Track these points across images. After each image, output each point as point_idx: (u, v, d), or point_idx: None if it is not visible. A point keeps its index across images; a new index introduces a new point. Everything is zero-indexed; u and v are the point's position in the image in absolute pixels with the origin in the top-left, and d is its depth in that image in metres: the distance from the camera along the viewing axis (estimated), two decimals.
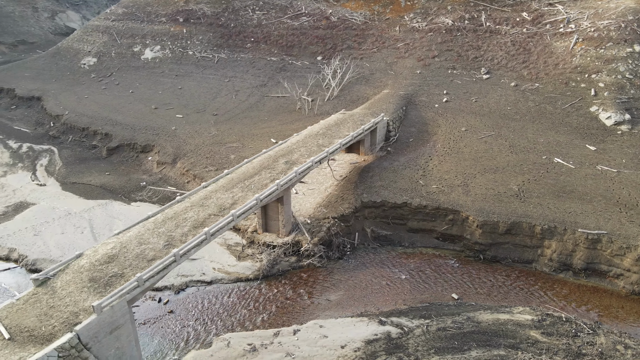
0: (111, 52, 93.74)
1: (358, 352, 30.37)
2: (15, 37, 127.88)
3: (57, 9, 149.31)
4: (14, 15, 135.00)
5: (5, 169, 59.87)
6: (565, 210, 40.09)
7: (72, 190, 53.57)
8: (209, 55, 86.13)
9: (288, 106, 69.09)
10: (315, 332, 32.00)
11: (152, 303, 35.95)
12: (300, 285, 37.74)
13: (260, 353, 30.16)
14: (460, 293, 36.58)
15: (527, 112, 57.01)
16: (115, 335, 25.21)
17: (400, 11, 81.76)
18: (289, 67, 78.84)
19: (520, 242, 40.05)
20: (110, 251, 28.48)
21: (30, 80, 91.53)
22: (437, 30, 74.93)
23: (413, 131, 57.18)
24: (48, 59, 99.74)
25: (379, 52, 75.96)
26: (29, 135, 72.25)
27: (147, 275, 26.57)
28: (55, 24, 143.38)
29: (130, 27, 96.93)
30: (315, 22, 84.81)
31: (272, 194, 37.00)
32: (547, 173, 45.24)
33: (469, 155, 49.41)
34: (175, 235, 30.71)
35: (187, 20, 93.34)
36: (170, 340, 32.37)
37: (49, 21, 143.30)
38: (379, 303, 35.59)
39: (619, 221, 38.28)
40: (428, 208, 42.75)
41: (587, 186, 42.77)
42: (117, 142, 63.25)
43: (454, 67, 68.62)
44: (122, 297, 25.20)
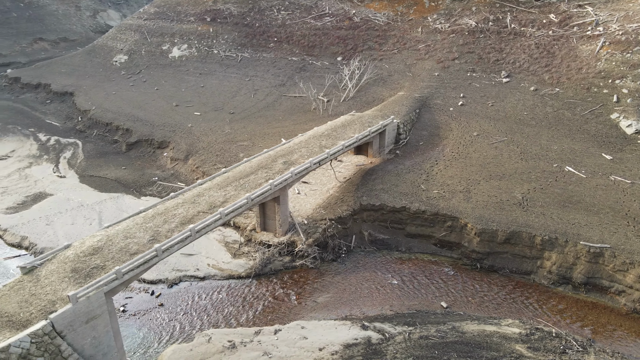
0: (141, 50, 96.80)
1: (335, 356, 30.33)
2: (58, 34, 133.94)
3: (99, 8, 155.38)
4: (58, 13, 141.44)
5: (32, 161, 62.97)
6: (569, 221, 38.53)
7: (89, 182, 55.78)
8: (232, 55, 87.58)
9: (304, 106, 69.39)
10: (296, 333, 32.15)
11: (144, 295, 37.06)
12: (290, 286, 37.95)
13: (239, 351, 30.58)
14: (451, 302, 35.83)
15: (544, 117, 55.04)
16: (92, 325, 26.17)
17: (423, 12, 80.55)
18: (309, 67, 79.13)
19: (519, 253, 38.81)
20: (96, 244, 29.59)
21: (66, 76, 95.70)
22: (459, 31, 73.37)
23: (424, 134, 56.30)
24: (84, 56, 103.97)
25: (399, 54, 75.11)
26: (58, 128, 75.65)
27: (126, 269, 27.43)
28: (96, 22, 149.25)
29: (160, 26, 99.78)
30: (337, 22, 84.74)
31: (264, 193, 37.34)
32: (555, 182, 43.59)
33: (477, 161, 48.22)
34: (162, 231, 31.54)
35: (214, 19, 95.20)
36: (156, 332, 33.30)
37: (91, 19, 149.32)
38: (365, 307, 35.34)
39: (624, 235, 36.48)
40: (427, 213, 42.05)
41: (595, 197, 40.94)
42: (136, 137, 65.36)
43: (474, 69, 67.03)
44: (100, 289, 26.11)
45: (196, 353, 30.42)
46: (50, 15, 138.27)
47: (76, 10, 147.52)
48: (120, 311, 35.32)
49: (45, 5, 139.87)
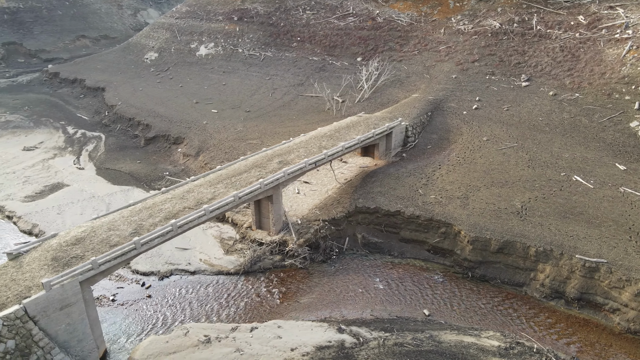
0: (171, 48, 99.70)
1: (305, 357, 30.40)
2: (99, 32, 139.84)
3: (139, 7, 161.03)
4: (101, 12, 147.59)
5: (56, 152, 66.17)
6: (567, 233, 36.89)
7: (104, 175, 58.07)
8: (256, 53, 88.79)
9: (318, 106, 69.52)
10: (271, 332, 32.42)
11: (135, 286, 38.30)
12: (276, 285, 38.24)
13: (212, 345, 31.15)
14: (434, 309, 35.10)
15: (559, 124, 52.82)
16: (66, 312, 27.34)
17: (448, 13, 78.94)
18: (329, 67, 79.17)
19: (512, 263, 37.51)
20: (80, 234, 30.86)
21: (100, 72, 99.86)
22: (482, 33, 71.45)
23: (434, 138, 55.25)
24: (119, 53, 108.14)
25: (420, 55, 73.95)
26: (86, 122, 79.10)
27: (102, 260, 28.48)
28: (136, 21, 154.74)
29: (190, 24, 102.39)
30: (360, 22, 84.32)
31: (253, 192, 37.77)
32: (559, 191, 41.81)
33: (481, 167, 46.90)
34: (145, 225, 32.52)
35: (241, 18, 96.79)
36: (139, 322, 34.34)
37: (131, 18, 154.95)
38: (346, 310, 35.16)
39: (624, 250, 34.58)
40: (421, 218, 41.31)
41: (600, 209, 38.97)
42: (154, 132, 67.45)
43: (493, 72, 65.13)
44: (75, 278, 27.25)
45: (171, 345, 31.19)
46: (93, 14, 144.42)
47: (118, 9, 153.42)
48: (110, 300, 36.65)
49: (89, 3, 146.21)
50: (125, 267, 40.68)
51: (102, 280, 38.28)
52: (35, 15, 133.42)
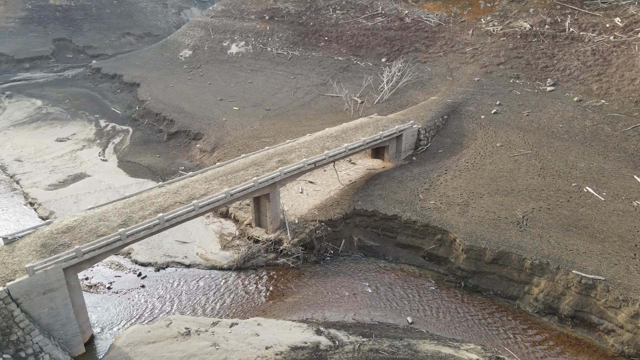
0: (204, 46, 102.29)
1: (278, 356, 30.62)
2: (143, 29, 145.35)
3: (183, 6, 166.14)
4: (146, 10, 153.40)
5: (85, 144, 69.51)
6: (567, 246, 35.09)
7: (124, 167, 60.49)
8: (284, 52, 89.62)
9: (337, 106, 69.34)
10: (250, 329, 32.84)
11: (132, 276, 39.71)
12: (265, 282, 38.59)
13: (191, 338, 31.92)
14: (419, 318, 34.34)
15: (579, 131, 50.21)
16: (49, 296, 28.75)
17: (478, 13, 76.67)
18: (353, 68, 78.80)
19: (506, 275, 36.10)
20: (72, 223, 32.35)
21: (138, 68, 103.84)
22: (511, 34, 68.94)
23: (447, 142, 53.92)
24: (157, 50, 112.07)
25: (445, 57, 72.26)
26: (118, 116, 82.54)
27: (86, 249, 29.76)
28: (179, 19, 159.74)
29: (224, 23, 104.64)
30: (388, 22, 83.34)
31: (246, 190, 38.25)
32: (567, 202, 39.80)
33: (489, 174, 45.36)
34: (135, 217, 33.66)
35: (272, 17, 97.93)
36: (129, 311, 35.61)
37: (175, 16, 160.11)
38: (329, 312, 35.03)
39: (626, 268, 32.51)
40: (417, 224, 40.48)
41: (607, 223, 36.80)
42: (176, 128, 69.51)
43: (518, 76, 62.72)
44: (58, 264, 28.62)
45: (152, 335, 32.20)
46: (139, 12, 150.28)
47: (163, 8, 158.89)
48: (106, 287, 38.21)
49: (136, 2, 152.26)
50: (126, 257, 42.32)
51: (102, 268, 40.19)
52: (85, 13, 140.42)
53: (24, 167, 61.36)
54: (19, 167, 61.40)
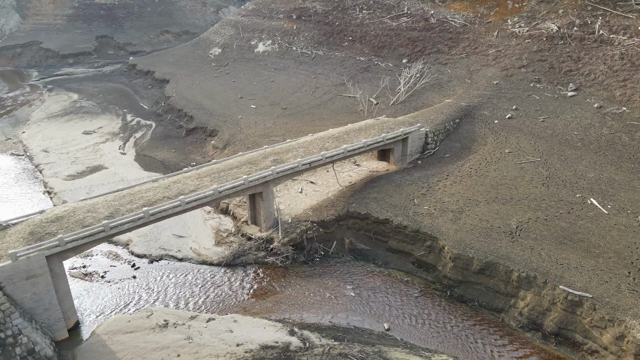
0: (233, 44, 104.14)
1: (248, 354, 30.95)
2: (181, 27, 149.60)
3: (222, 4, 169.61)
4: (185, 9, 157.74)
5: (109, 137, 72.40)
6: (558, 260, 33.46)
7: (140, 161, 62.58)
8: (308, 52, 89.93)
9: (353, 107, 68.91)
10: (225, 325, 33.34)
11: (126, 266, 41.09)
12: (251, 280, 38.98)
13: (168, 330, 32.79)
14: (397, 325, 33.70)
15: (595, 140, 47.66)
16: (32, 282, 30.19)
17: (505, 14, 74.13)
18: (373, 68, 78.07)
19: (493, 287, 34.83)
20: (61, 213, 33.87)
21: (169, 65, 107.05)
22: (537, 36, 66.26)
23: (456, 147, 52.54)
24: (189, 48, 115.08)
25: (467, 59, 70.35)
26: (145, 111, 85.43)
27: (69, 238, 31.07)
28: (217, 18, 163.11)
29: (253, 22, 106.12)
30: (413, 23, 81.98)
31: (235, 187, 38.73)
32: (566, 214, 37.92)
33: (491, 181, 43.86)
34: (122, 210, 34.81)
35: (300, 17, 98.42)
36: (117, 300, 36.88)
37: (213, 15, 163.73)
38: (307, 314, 34.98)
39: (616, 287, 30.66)
40: (408, 229, 39.71)
41: (605, 237, 34.79)
42: (195, 124, 71.20)
43: (539, 80, 60.22)
44: (41, 252, 30.03)
45: (132, 325, 33.28)
46: (179, 11, 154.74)
47: (202, 6, 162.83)
48: (100, 276, 39.73)
49: (176, 1, 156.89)
50: (124, 247, 43.82)
51: (99, 258, 41.81)
52: (127, 12, 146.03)
53: (48, 157, 64.63)
54: (45, 157, 64.72)
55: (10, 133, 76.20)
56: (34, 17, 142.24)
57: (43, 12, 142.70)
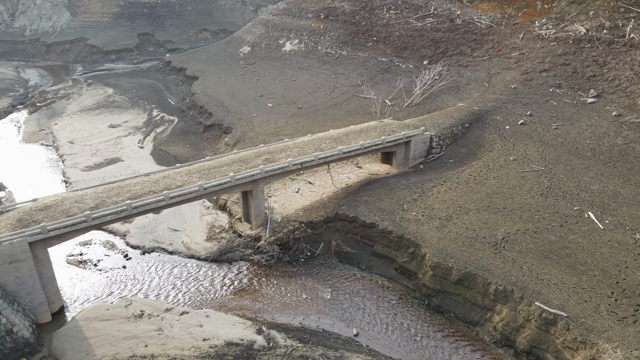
0: (262, 43, 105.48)
1: (212, 349, 31.52)
2: (220, 26, 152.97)
3: (261, 3, 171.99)
4: (225, 7, 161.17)
5: (132, 131, 75.22)
6: (539, 275, 31.85)
7: (154, 155, 64.66)
8: (332, 52, 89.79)
9: (368, 108, 68.20)
10: (196, 319, 34.04)
11: (120, 256, 42.63)
12: (233, 276, 39.48)
13: (141, 320, 33.88)
14: (366, 331, 33.19)
15: (606, 150, 44.90)
16: (15, 266, 31.95)
17: (533, 15, 71.10)
18: (393, 69, 76.94)
19: (470, 298, 33.61)
20: (50, 202, 35.57)
21: (201, 62, 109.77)
22: (563, 39, 63.17)
23: (461, 152, 51.00)
24: (222, 46, 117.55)
25: (489, 61, 68.04)
26: (171, 107, 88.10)
27: (52, 227, 32.65)
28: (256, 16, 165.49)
29: (283, 21, 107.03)
30: (438, 24, 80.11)
31: (221, 185, 39.31)
32: (559, 227, 35.99)
33: (488, 189, 42.27)
34: (108, 202, 36.14)
35: (327, 16, 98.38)
36: (103, 288, 38.38)
37: (252, 14, 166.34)
38: (279, 314, 35.07)
39: (595, 307, 28.84)
40: (392, 234, 38.97)
41: (594, 254, 32.76)
42: (212, 121, 72.75)
43: (560, 85, 57.37)
44: (23, 238, 31.74)
45: (109, 313, 34.58)
46: (218, 9, 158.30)
47: (242, 5, 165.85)
48: (93, 265, 41.45)
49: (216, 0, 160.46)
50: (122, 238, 45.46)
51: (97, 247, 43.61)
52: (169, 10, 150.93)
53: (73, 148, 67.97)
54: (69, 148, 68.11)
55: (44, 124, 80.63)
56: (83, 14, 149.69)
57: (91, 10, 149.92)
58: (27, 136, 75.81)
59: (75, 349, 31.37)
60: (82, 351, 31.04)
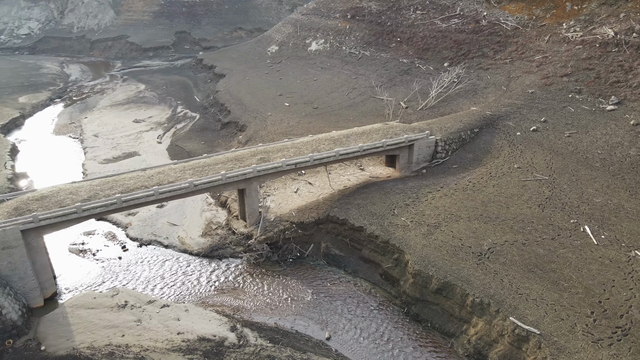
0: (290, 42, 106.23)
1: (184, 343, 32.26)
2: (254, 25, 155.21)
3: (297, 2, 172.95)
4: (261, 7, 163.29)
5: (154, 126, 77.67)
6: (518, 289, 30.55)
7: (170, 150, 66.51)
8: (355, 52, 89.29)
9: (382, 110, 67.39)
10: (175, 313, 34.87)
11: (117, 247, 44.18)
12: (219, 273, 40.08)
13: (124, 311, 35.07)
14: (338, 335, 32.91)
15: (617, 161, 42.41)
16: (8, 252, 33.72)
17: (561, 17, 68.08)
18: (413, 71, 75.65)
19: (448, 309, 32.67)
20: (47, 193, 37.33)
21: (230, 60, 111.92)
22: (590, 42, 60.16)
23: (467, 158, 49.58)
24: (252, 45, 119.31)
25: (510, 64, 65.73)
26: (196, 103, 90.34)
27: (43, 216, 34.26)
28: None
29: (312, 20, 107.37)
30: (462, 25, 78.09)
31: (212, 182, 39.97)
32: (550, 240, 34.35)
33: (485, 197, 40.90)
34: (100, 194, 37.52)
35: (354, 16, 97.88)
36: (95, 277, 39.89)
37: (288, 12, 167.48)
38: (256, 312, 35.34)
39: (571, 326, 27.38)
40: (379, 239, 38.40)
41: (581, 271, 31.06)
42: (229, 119, 74.04)
43: (580, 90, 54.67)
44: (16, 226, 33.49)
45: (95, 302, 35.93)
46: (254, 8, 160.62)
47: (278, 4, 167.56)
48: (92, 254, 43.17)
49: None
50: (124, 229, 47.07)
51: (99, 237, 45.37)
52: (207, 9, 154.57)
53: (96, 141, 70.95)
54: (93, 141, 71.15)
55: (75, 118, 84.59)
56: (126, 13, 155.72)
57: (134, 9, 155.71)
58: (58, 128, 79.73)
59: (57, 334, 32.76)
60: (63, 337, 32.37)
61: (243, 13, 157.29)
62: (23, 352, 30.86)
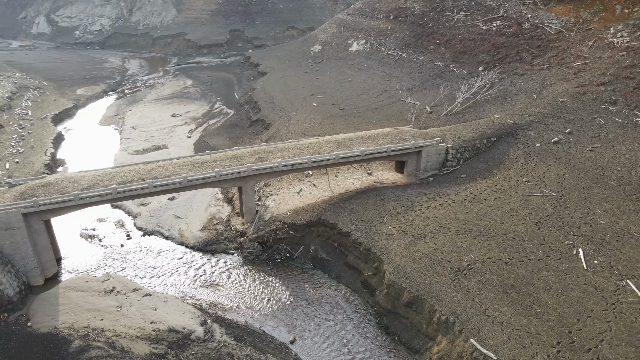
0: (333, 42, 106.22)
1: (154, 332, 33.58)
2: (307, 24, 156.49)
3: (352, 2, 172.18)
4: (315, 6, 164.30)
5: (188, 120, 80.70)
6: (487, 310, 28.83)
7: (196, 145, 68.85)
8: (393, 53, 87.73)
9: (407, 114, 65.81)
10: (155, 302, 36.30)
11: (123, 235, 46.49)
12: (207, 267, 41.06)
13: (109, 296, 37.02)
14: (304, 340, 32.68)
15: (637, 180, 38.66)
16: (10, 233, 36.59)
17: (610, 20, 63.07)
18: (446, 75, 73.15)
19: (417, 324, 31.45)
20: (52, 180, 39.99)
21: (275, 59, 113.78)
22: (635, 49, 55.37)
23: (479, 168, 47.38)
24: (298, 44, 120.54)
25: (547, 70, 61.85)
26: (234, 100, 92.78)
27: (43, 202, 36.83)
28: None
29: (356, 21, 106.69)
30: (504, 27, 74.40)
31: (206, 179, 41.02)
32: (536, 261, 32.04)
33: (480, 210, 38.86)
34: (100, 184, 39.71)
35: (396, 17, 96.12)
36: (95, 261, 42.23)
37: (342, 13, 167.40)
38: (232, 309, 35.89)
39: (532, 355, 25.41)
40: (362, 246, 37.66)
41: (559, 297, 28.71)
42: (258, 117, 75.39)
43: (615, 101, 50.43)
44: (18, 209, 36.27)
45: (86, 285, 38.15)
46: (308, 8, 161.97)
47: (333, 4, 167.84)
48: (98, 240, 45.75)
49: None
50: (133, 218, 49.44)
51: (108, 224, 47.96)
52: (261, 8, 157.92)
53: (132, 133, 74.89)
54: (130, 133, 75.16)
55: (121, 110, 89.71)
56: (187, 11, 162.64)
57: (194, 7, 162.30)
58: (104, 119, 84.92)
59: (45, 312, 35.09)
60: (49, 315, 34.61)
61: (297, 12, 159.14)
62: (12, 326, 33.28)
